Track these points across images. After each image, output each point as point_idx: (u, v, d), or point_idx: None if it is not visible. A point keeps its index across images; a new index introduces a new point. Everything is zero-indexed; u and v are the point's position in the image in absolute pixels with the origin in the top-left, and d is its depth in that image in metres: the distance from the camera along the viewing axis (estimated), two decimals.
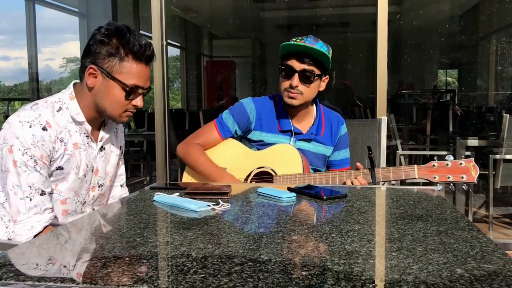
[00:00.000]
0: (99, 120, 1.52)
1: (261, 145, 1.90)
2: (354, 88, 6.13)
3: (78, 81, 1.50)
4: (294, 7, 8.10)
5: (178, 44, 9.52)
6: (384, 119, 2.21)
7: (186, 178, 1.92)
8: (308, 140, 1.91)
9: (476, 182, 1.63)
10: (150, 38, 3.10)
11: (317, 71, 1.80)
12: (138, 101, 1.46)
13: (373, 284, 0.67)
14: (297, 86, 1.79)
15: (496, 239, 3.43)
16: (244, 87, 9.63)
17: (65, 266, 0.77)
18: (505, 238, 3.52)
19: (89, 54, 1.41)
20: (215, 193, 1.34)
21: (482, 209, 4.09)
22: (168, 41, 3.17)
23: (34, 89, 6.40)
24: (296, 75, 1.79)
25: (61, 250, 0.88)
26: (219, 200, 1.22)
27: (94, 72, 1.40)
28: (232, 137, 1.92)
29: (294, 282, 0.67)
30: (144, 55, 1.42)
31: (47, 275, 0.71)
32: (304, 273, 0.71)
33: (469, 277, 0.69)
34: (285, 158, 1.80)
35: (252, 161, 1.85)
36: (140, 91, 1.44)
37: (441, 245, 0.85)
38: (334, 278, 0.69)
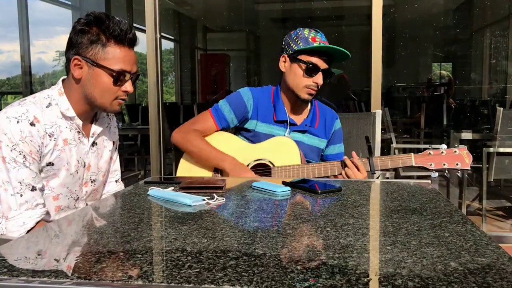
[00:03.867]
0: (90, 114, 1.50)
1: (252, 136, 1.89)
2: (350, 82, 6.13)
3: (66, 77, 1.48)
4: (288, 0, 8.08)
5: (172, 37, 9.48)
6: (378, 113, 2.22)
7: (183, 166, 1.90)
8: (303, 132, 1.91)
9: (470, 169, 1.67)
10: (144, 31, 3.08)
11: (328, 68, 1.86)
12: (128, 86, 1.43)
13: (368, 278, 0.67)
14: (321, 84, 1.84)
15: (489, 231, 3.46)
16: (238, 81, 9.60)
17: (59, 261, 0.77)
18: (498, 231, 3.54)
19: (72, 46, 1.40)
20: (210, 187, 1.34)
21: (475, 202, 4.12)
22: (162, 34, 3.15)
23: (27, 82, 6.34)
24: (320, 73, 1.82)
25: (55, 246, 0.87)
26: (214, 194, 1.22)
27: (79, 62, 1.39)
28: (228, 127, 1.92)
29: (289, 276, 0.67)
30: (126, 38, 1.40)
31: (41, 270, 0.71)
32: (298, 267, 0.71)
33: (463, 270, 0.70)
34: (283, 150, 1.80)
35: (249, 153, 1.85)
36: (128, 76, 1.42)
37: (435, 238, 0.85)
38: (328, 272, 0.69)
